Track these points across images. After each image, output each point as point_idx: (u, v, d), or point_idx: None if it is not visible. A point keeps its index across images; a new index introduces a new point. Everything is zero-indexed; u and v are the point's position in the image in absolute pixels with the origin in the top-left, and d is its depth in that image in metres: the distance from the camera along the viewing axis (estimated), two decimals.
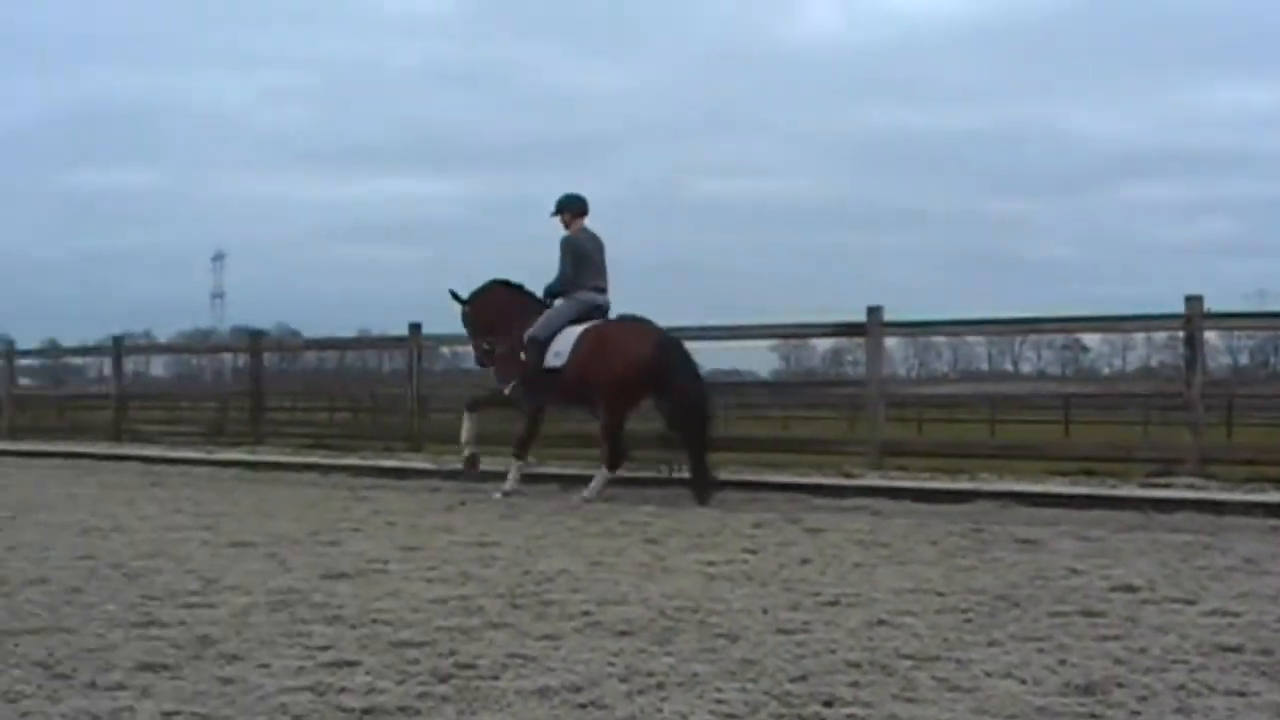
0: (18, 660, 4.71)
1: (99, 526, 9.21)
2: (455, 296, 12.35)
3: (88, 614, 5.67)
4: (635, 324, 11.60)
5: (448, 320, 13.28)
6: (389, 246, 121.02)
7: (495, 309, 12.21)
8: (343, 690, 4.31)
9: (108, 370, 22.78)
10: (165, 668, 4.63)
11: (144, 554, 7.71)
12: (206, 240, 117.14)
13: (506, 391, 11.96)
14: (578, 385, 11.39)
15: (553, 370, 11.53)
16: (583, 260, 11.83)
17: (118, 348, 21.59)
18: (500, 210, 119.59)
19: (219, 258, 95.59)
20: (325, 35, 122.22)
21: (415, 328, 17.12)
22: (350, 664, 4.70)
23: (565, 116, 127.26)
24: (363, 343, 27.95)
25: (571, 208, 11.98)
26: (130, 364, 24.45)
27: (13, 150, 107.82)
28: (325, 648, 4.99)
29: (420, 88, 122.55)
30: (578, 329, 11.56)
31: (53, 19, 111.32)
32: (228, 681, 4.43)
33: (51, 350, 34.84)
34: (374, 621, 5.52)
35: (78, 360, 32.75)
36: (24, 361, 26.76)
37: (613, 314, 11.88)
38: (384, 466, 14.33)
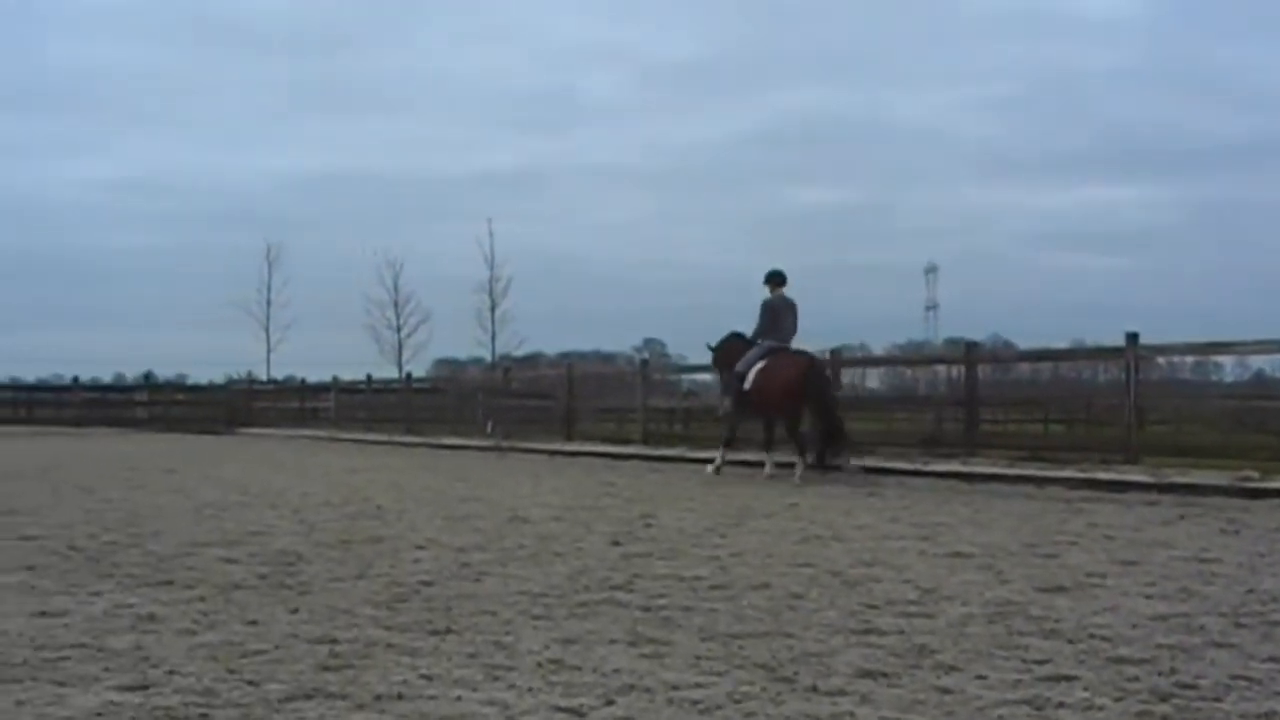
0: (741, 662, 5.07)
1: (818, 535, 9.68)
2: (709, 347, 18.33)
3: (808, 619, 5.99)
4: (792, 357, 16.81)
5: (1165, 328, 13.26)
6: (1098, 255, 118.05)
7: (728, 354, 17.70)
8: (1060, 705, 4.30)
9: None
10: (884, 675, 4.81)
11: (862, 562, 8.04)
12: (917, 253, 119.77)
13: (721, 410, 17.83)
14: (756, 403, 16.91)
15: (746, 393, 16.94)
16: (774, 316, 17.09)
17: (835, 360, 22.48)
18: (1209, 215, 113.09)
19: (931, 270, 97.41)
20: (1023, 44, 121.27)
21: (1132, 337, 16.60)
22: (1067, 679, 4.67)
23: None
24: (1077, 354, 27.43)
25: (773, 280, 17.25)
26: (847, 376, 25.43)
27: (728, 171, 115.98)
28: (1042, 661, 4.99)
29: (1117, 92, 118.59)
30: (760, 364, 16.81)
31: (756, 42, 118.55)
32: (945, 691, 4.53)
33: None
34: (1091, 636, 5.45)
35: None
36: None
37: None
38: (1100, 479, 14.01)
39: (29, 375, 64.45)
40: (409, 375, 38.14)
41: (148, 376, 52.17)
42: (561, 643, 5.41)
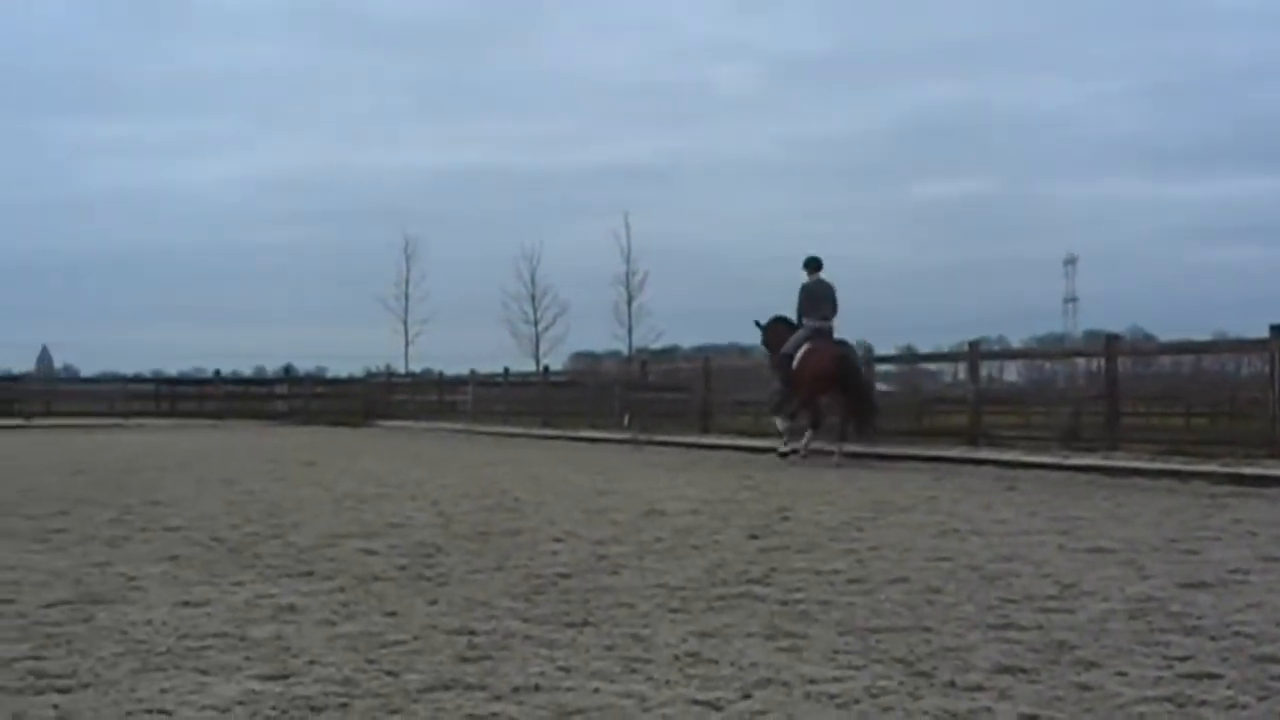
0: (879, 656, 5.05)
1: (957, 529, 9.61)
2: (757, 324, 19.89)
3: (946, 614, 5.96)
4: (830, 345, 18.33)
5: None
6: (1239, 246, 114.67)
7: (775, 335, 19.33)
8: (1202, 703, 4.23)
9: (963, 375, 23.58)
10: (1023, 671, 4.76)
11: (1001, 557, 7.96)
12: (1055, 245, 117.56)
13: (772, 388, 19.65)
14: (803, 381, 18.21)
15: (794, 371, 18.31)
16: (812, 299, 18.65)
17: (973, 353, 22.26)
18: None
19: (1070, 262, 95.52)
20: (1162, 33, 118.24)
21: (1276, 330, 16.21)
22: (1210, 676, 4.59)
23: None
24: (1219, 346, 26.75)
25: (809, 266, 18.81)
26: (985, 369, 25.13)
27: (863, 164, 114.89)
28: (1184, 658, 4.91)
29: (1260, 82, 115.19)
30: (806, 346, 18.31)
31: (888, 33, 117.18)
32: (1085, 688, 4.48)
33: (908, 356, 36.70)
34: (1235, 634, 5.35)
35: (933, 366, 34.23)
36: (882, 367, 28.39)
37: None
38: (1244, 474, 13.70)
39: (172, 369, 66.35)
40: (546, 368, 38.40)
41: (287, 370, 53.01)
42: (698, 636, 5.44)
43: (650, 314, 60.56)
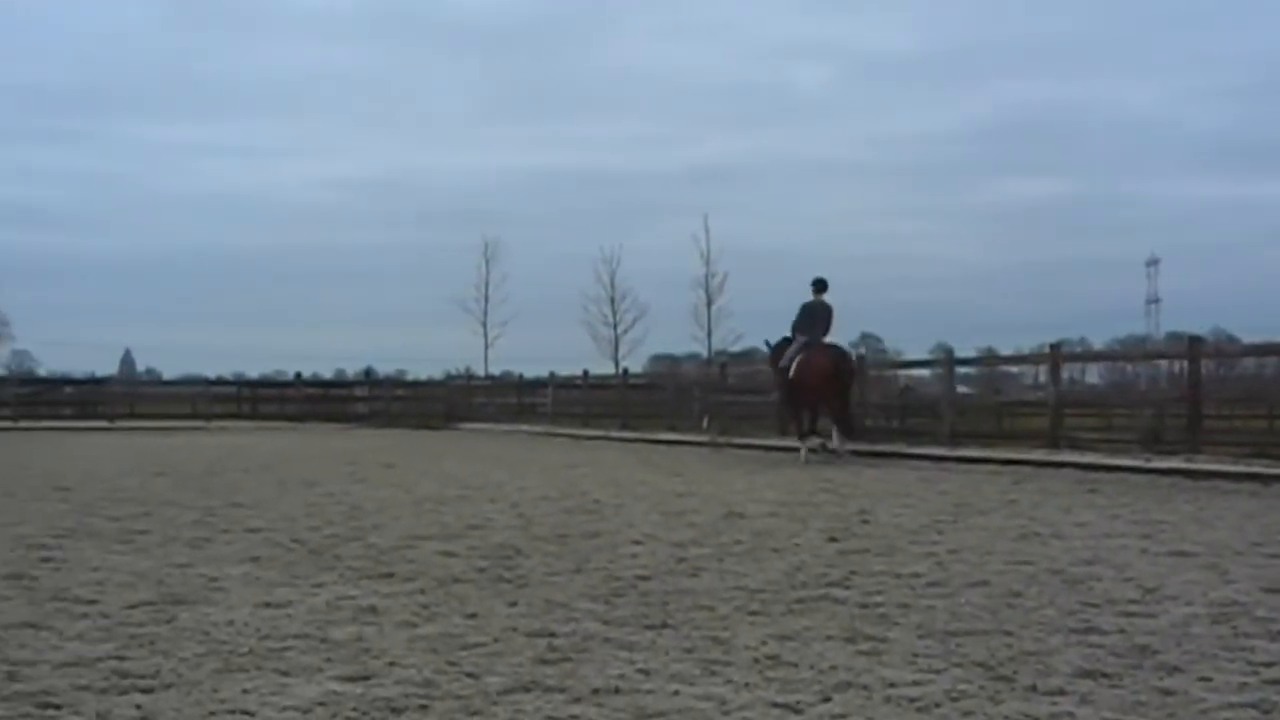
0: (959, 660, 5.03)
1: (1037, 532, 9.53)
2: (766, 344, 22.50)
3: (1027, 618, 5.91)
4: (825, 349, 20.16)
5: None
6: None
7: (779, 351, 21.11)
8: None
9: (1043, 377, 23.37)
10: (1105, 675, 4.72)
11: (1082, 560, 7.89)
12: (1137, 246, 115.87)
13: (777, 398, 22.83)
14: (798, 389, 20.19)
15: (790, 381, 20.30)
16: (810, 318, 20.49)
17: (1054, 355, 22.02)
18: None
19: (1153, 263, 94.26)
20: (1248, 31, 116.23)
21: None
22: None
23: None
24: None
25: (815, 286, 20.67)
26: (1066, 371, 24.86)
27: (944, 163, 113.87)
28: (1269, 664, 4.85)
29: None
30: (799, 357, 20.13)
31: (972, 33, 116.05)
32: (1167, 693, 4.44)
33: (988, 358, 36.41)
34: None
35: (1013, 368, 33.95)
36: (962, 370, 28.19)
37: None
38: None
39: (253, 372, 67.13)
40: (625, 371, 38.52)
41: (368, 372, 53.54)
42: (778, 639, 5.44)
43: (730, 316, 60.61)
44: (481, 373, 58.05)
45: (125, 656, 5.14)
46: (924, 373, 29.85)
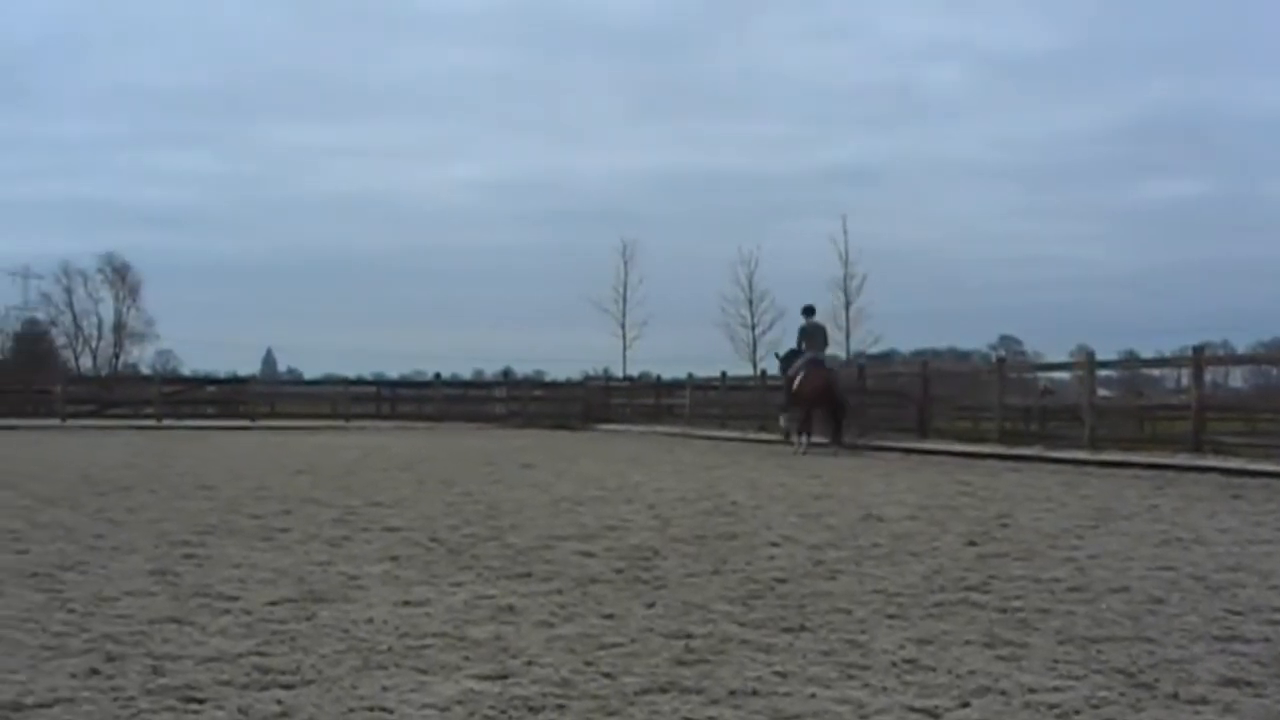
0: (1099, 666, 4.96)
1: (1180, 537, 9.36)
2: (776, 356, 27.80)
3: (1169, 624, 5.81)
4: (818, 372, 24.06)
5: None
6: None
7: (788, 362, 25.51)
8: None
9: (1186, 380, 22.91)
10: (1249, 684, 4.63)
11: (1225, 567, 7.74)
12: (1275, 249, 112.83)
13: (783, 404, 26.18)
14: (800, 398, 24.23)
15: (794, 391, 24.43)
16: (809, 338, 24.87)
17: (1197, 358, 21.53)
18: None
19: None
20: None
21: None
22: None
23: None
24: None
25: (805, 313, 25.24)
26: (1209, 374, 24.29)
27: (1080, 164, 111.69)
28: None
29: None
30: (803, 373, 24.14)
31: (1107, 32, 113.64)
32: None
33: (1130, 361, 35.67)
34: None
35: (1155, 371, 33.33)
36: (1103, 373, 27.71)
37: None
38: None
39: (392, 372, 68.27)
40: (763, 373, 38.15)
41: (506, 373, 54.43)
42: (916, 643, 5.41)
43: (869, 317, 60.05)
44: (619, 374, 58.28)
45: (266, 653, 5.22)
46: (1064, 376, 29.39)
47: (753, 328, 63.05)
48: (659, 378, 46.42)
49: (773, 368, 30.11)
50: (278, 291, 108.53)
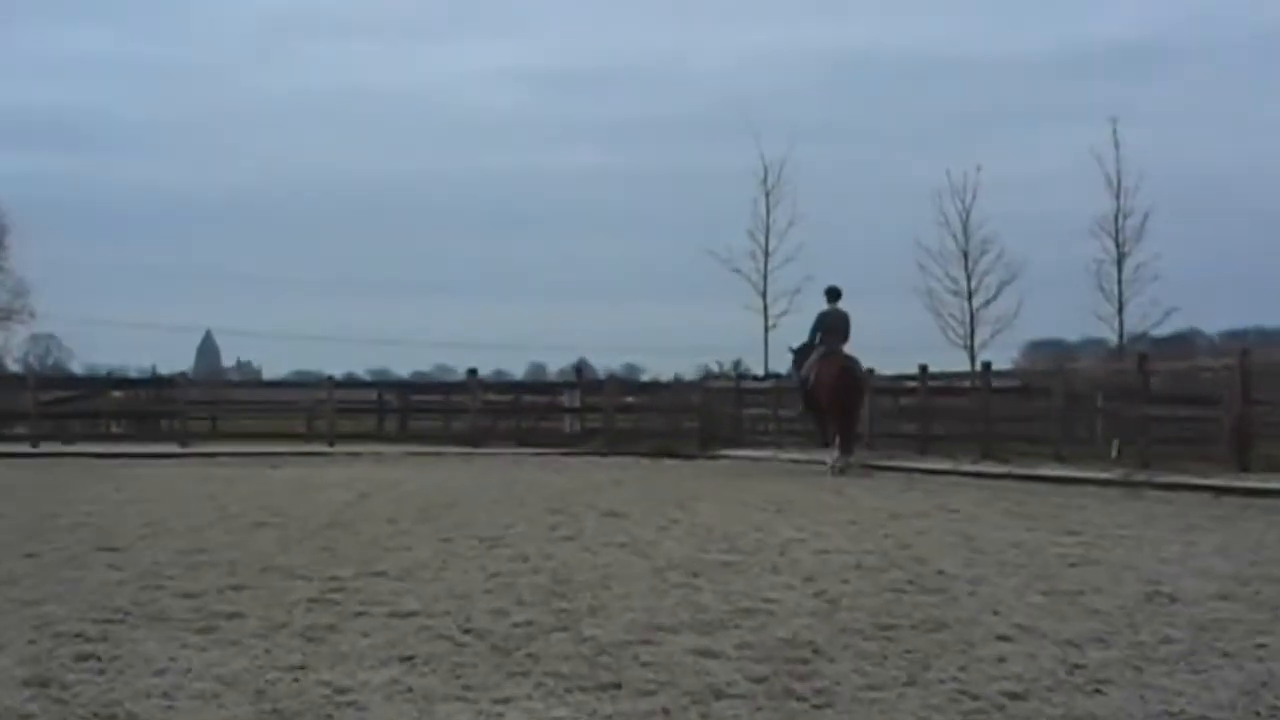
0: None
1: None
2: (790, 349, 33.03)
3: None
4: (837, 357, 29.62)
5: None
6: None
7: (801, 358, 31.15)
8: None
9: None
10: None
11: None
12: None
13: (800, 410, 33.21)
14: (815, 399, 30.02)
15: (808, 392, 30.26)
16: (827, 327, 30.09)
17: None
18: None
19: None
20: None
21: None
22: None
23: None
24: None
25: (828, 294, 30.47)
26: None
27: None
28: None
29: None
30: (815, 367, 29.70)
31: None
32: None
33: None
34: None
35: None
36: None
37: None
38: None
39: (403, 367, 68.25)
40: (987, 367, 37.28)
41: (579, 369, 54.51)
42: None
43: (1153, 279, 59.40)
44: (759, 370, 58.06)
45: None
46: None
47: (969, 295, 62.78)
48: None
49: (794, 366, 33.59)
50: (220, 244, 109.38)
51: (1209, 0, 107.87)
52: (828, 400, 29.18)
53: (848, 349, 30.44)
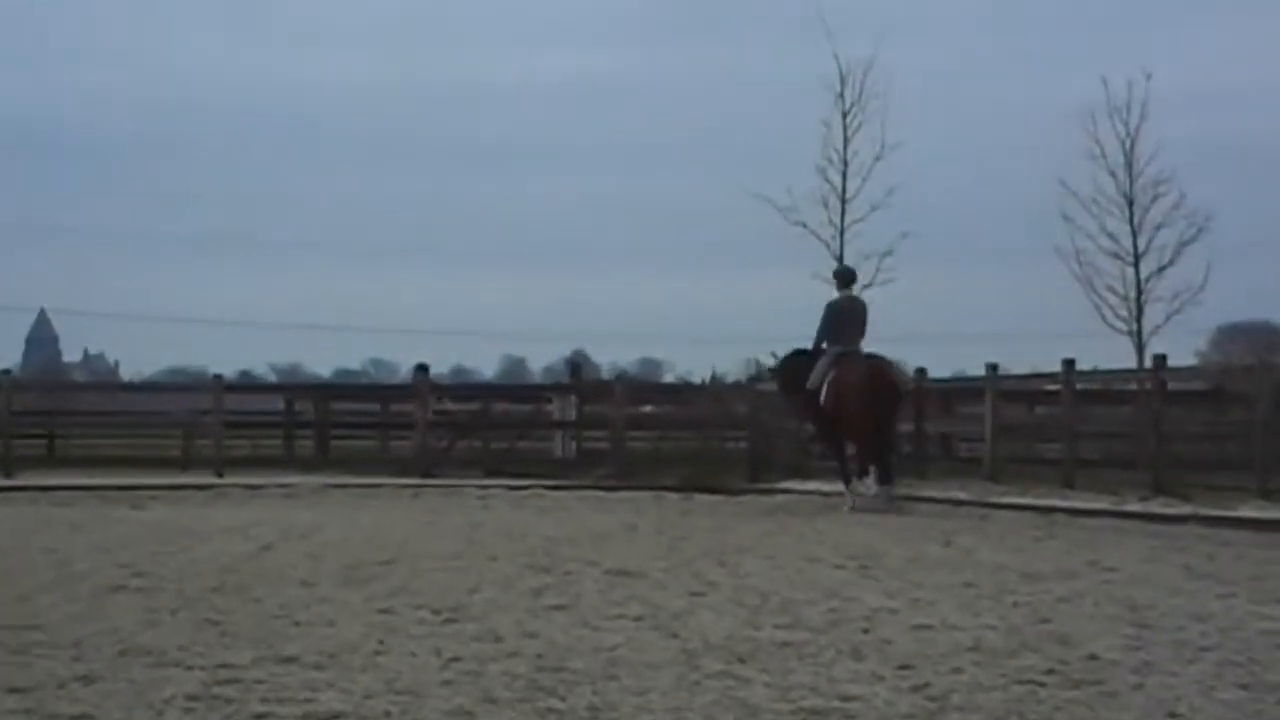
0: None
1: None
2: (770, 370, 40.18)
3: None
4: (859, 360, 31.80)
5: None
6: None
7: (792, 373, 33.82)
8: None
9: None
10: None
11: None
12: None
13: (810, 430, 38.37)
14: (836, 418, 31.95)
15: (823, 409, 32.09)
16: (841, 321, 32.28)
17: None
18: None
19: None
20: None
21: None
22: None
23: None
24: None
25: (839, 278, 35.05)
26: None
27: None
28: None
29: None
30: (831, 374, 31.55)
31: None
32: None
33: None
34: None
35: None
36: None
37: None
38: None
39: (323, 365, 68.90)
40: (1161, 360, 36.71)
41: (574, 366, 54.78)
42: None
43: None
44: None
45: None
46: None
47: (1135, 260, 62.65)
48: (922, 373, 46.00)
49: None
50: (55, 190, 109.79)
51: None
52: (855, 412, 30.63)
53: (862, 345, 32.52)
